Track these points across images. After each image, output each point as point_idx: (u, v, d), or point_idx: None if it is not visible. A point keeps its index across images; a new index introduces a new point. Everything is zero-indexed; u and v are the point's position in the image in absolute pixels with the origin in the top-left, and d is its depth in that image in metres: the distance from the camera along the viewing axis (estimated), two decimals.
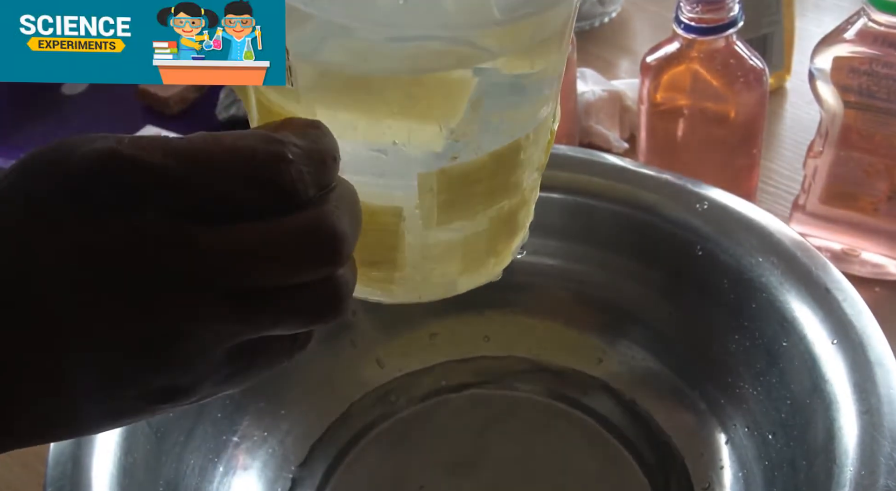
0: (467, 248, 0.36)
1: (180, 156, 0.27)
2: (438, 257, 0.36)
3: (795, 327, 0.49)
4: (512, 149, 0.34)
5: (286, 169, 0.28)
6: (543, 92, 0.35)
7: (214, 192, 0.27)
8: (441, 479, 0.55)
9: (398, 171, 0.33)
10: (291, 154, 0.28)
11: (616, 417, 0.56)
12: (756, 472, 0.50)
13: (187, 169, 0.27)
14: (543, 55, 0.33)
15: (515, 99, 0.34)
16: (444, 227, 0.34)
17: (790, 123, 0.78)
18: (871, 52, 0.58)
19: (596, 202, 0.57)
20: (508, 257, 0.38)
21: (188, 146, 0.27)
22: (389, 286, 0.36)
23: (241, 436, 0.54)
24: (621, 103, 0.76)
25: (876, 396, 0.44)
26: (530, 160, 0.36)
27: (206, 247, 0.27)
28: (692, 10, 0.61)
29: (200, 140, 0.28)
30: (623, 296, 0.58)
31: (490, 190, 0.35)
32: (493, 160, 0.34)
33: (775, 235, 0.52)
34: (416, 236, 0.34)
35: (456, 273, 0.37)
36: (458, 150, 0.33)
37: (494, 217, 0.36)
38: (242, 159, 0.27)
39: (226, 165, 0.27)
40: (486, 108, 0.32)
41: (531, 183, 0.37)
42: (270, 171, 0.28)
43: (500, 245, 0.37)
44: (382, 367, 0.59)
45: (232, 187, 0.27)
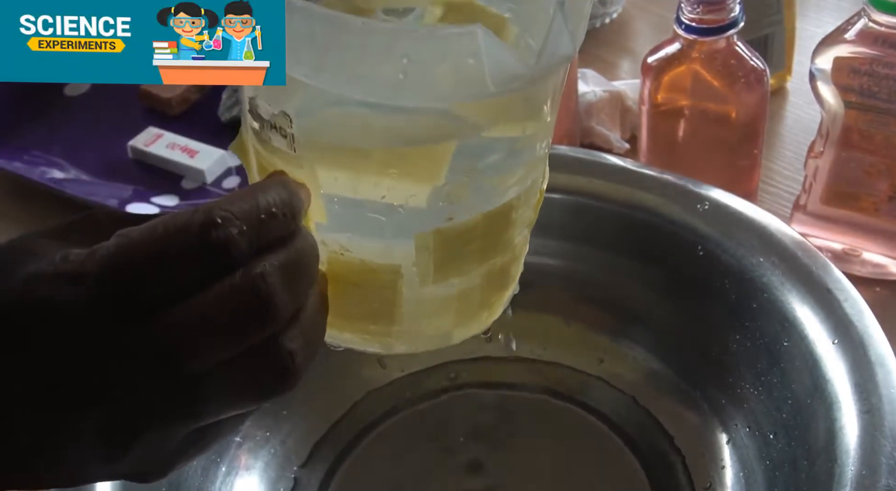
0: (461, 302, 0.37)
1: (115, 262, 0.28)
2: (434, 312, 0.37)
3: (796, 327, 0.49)
4: (504, 209, 0.35)
5: (214, 234, 0.28)
6: (535, 154, 0.36)
7: (154, 280, 0.28)
8: (443, 479, 0.55)
9: (397, 232, 0.34)
10: (220, 218, 0.28)
11: (617, 417, 0.56)
12: (757, 471, 0.50)
13: (124, 272, 0.28)
14: (534, 120, 0.34)
15: (507, 162, 0.35)
16: (440, 283, 0.36)
17: (791, 124, 0.78)
18: (871, 52, 0.58)
19: (597, 203, 0.57)
20: (500, 309, 0.40)
21: (121, 249, 0.28)
22: (387, 340, 0.37)
23: (244, 436, 0.54)
24: (622, 104, 0.76)
25: (877, 395, 0.44)
26: (521, 219, 0.37)
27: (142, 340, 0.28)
28: (693, 11, 0.61)
29: (136, 235, 0.28)
30: (624, 296, 0.58)
31: (483, 248, 0.36)
32: (486, 220, 0.35)
33: (776, 236, 0.52)
34: (413, 293, 0.35)
35: (450, 326, 0.38)
36: (453, 211, 0.34)
37: (487, 273, 0.37)
38: (175, 240, 0.28)
39: (160, 251, 0.28)
40: (480, 172, 0.34)
41: (521, 239, 0.38)
42: (199, 241, 0.28)
43: (492, 298, 0.39)
44: (384, 367, 0.60)
45: (169, 271, 0.28)
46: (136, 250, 0.28)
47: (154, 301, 0.28)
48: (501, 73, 0.30)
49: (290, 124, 0.32)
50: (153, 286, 0.28)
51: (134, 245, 0.28)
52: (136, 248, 0.28)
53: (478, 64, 0.29)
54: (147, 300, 0.28)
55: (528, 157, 0.35)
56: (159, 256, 0.28)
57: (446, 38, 0.30)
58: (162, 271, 0.28)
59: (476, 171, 0.33)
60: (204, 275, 0.28)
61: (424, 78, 0.30)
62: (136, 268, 0.28)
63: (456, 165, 0.33)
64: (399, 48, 0.29)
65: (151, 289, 0.28)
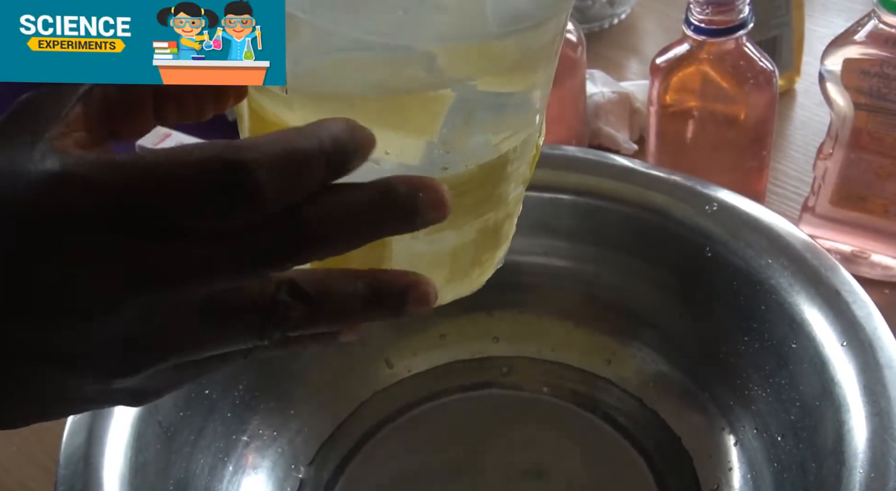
0: (454, 258, 0.37)
1: (132, 173, 0.27)
2: (426, 268, 0.36)
3: (805, 329, 0.49)
4: (500, 162, 0.35)
5: (237, 178, 0.27)
6: (533, 107, 0.35)
7: (169, 207, 0.27)
8: (450, 478, 0.55)
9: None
10: (249, 160, 0.27)
11: (625, 418, 0.56)
12: (765, 474, 0.50)
13: (141, 186, 0.27)
14: (532, 72, 0.34)
15: (504, 114, 0.34)
16: (432, 236, 0.35)
17: (800, 125, 0.78)
18: (881, 53, 0.58)
19: (605, 204, 0.57)
20: (492, 269, 0.39)
21: (140, 162, 0.27)
22: None
23: (251, 435, 0.54)
24: (631, 105, 0.76)
25: (886, 398, 0.44)
26: (517, 173, 0.37)
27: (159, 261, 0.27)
28: (702, 12, 0.61)
29: (154, 155, 0.27)
30: (632, 297, 0.58)
31: (477, 201, 0.35)
32: (481, 172, 0.34)
33: (785, 237, 0.52)
34: (405, 247, 0.35)
35: (442, 282, 0.37)
36: (448, 161, 0.33)
37: (481, 228, 0.36)
38: (196, 171, 0.27)
39: (179, 178, 0.27)
40: (477, 122, 0.33)
41: (516, 196, 0.38)
42: (219, 181, 0.27)
43: (484, 256, 0.38)
44: (391, 367, 0.60)
45: (185, 200, 0.27)
46: (154, 166, 0.27)
47: (164, 225, 0.27)
48: (504, 13, 0.29)
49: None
50: (166, 211, 0.27)
51: (152, 161, 0.27)
52: (155, 165, 0.27)
53: (480, 1, 0.29)
54: (158, 224, 0.27)
55: (526, 109, 0.35)
56: (180, 176, 0.27)
57: None
58: (180, 198, 0.27)
59: (473, 121, 0.33)
60: (218, 213, 0.27)
61: (425, 15, 0.29)
62: (154, 189, 0.27)
63: (453, 114, 0.32)
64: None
65: (165, 213, 0.27)
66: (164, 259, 0.27)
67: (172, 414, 0.50)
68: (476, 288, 0.39)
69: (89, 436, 0.46)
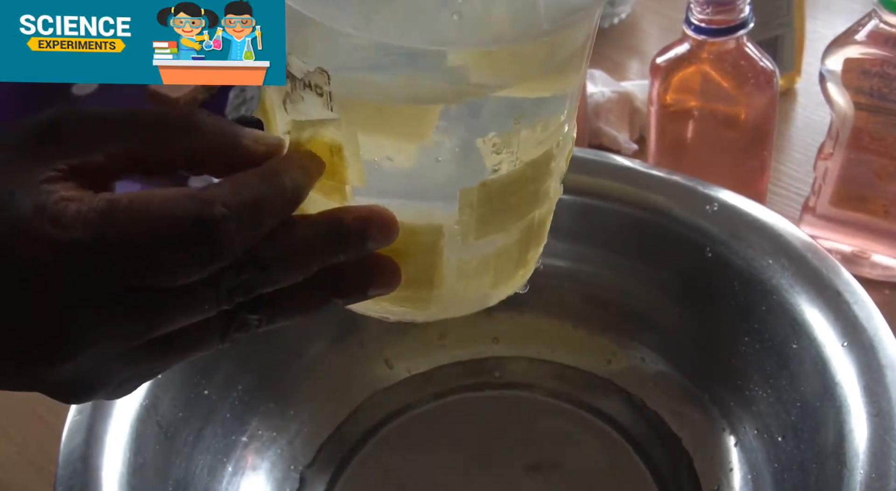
0: (500, 260, 0.37)
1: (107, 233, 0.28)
2: (474, 272, 0.36)
3: (806, 330, 0.49)
4: (545, 158, 0.35)
5: (209, 230, 0.28)
6: (575, 100, 0.35)
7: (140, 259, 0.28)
8: (449, 479, 0.55)
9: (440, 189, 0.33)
10: (218, 213, 0.28)
11: (625, 419, 0.56)
12: (766, 474, 0.50)
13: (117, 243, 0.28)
14: (574, 70, 0.34)
15: (551, 108, 0.34)
16: (481, 240, 0.35)
17: (800, 125, 0.77)
18: (882, 53, 0.58)
19: (605, 204, 0.57)
20: (533, 266, 0.39)
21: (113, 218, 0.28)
22: (426, 305, 0.36)
23: (250, 436, 0.54)
24: (631, 105, 0.76)
25: (886, 398, 0.44)
26: (558, 168, 0.37)
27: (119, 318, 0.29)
28: (702, 12, 0.60)
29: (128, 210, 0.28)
30: (632, 297, 0.58)
31: (523, 200, 0.35)
32: (529, 170, 0.34)
33: (785, 237, 0.52)
34: (455, 252, 0.35)
35: (489, 286, 0.37)
36: (499, 162, 0.33)
37: (525, 227, 0.36)
38: (168, 225, 0.28)
39: (153, 231, 0.28)
40: (527, 119, 0.33)
41: (555, 191, 0.38)
42: (192, 233, 0.28)
43: (528, 255, 0.38)
44: (391, 367, 0.60)
45: (157, 252, 0.28)
46: (128, 224, 0.28)
47: (135, 276, 0.28)
48: (556, 9, 0.29)
49: (328, 81, 0.30)
50: (137, 264, 0.28)
51: (126, 219, 0.28)
52: (129, 222, 0.28)
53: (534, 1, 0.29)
54: (129, 275, 0.28)
55: (569, 102, 0.35)
56: (151, 236, 0.28)
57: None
58: (151, 252, 0.28)
59: (524, 119, 0.33)
60: (188, 268, 0.29)
61: (479, 19, 0.29)
62: (126, 245, 0.28)
63: (503, 113, 0.32)
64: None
65: (136, 266, 0.28)
66: (131, 312, 0.29)
67: (171, 415, 0.50)
68: (520, 288, 0.39)
69: (88, 436, 0.46)
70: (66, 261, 0.28)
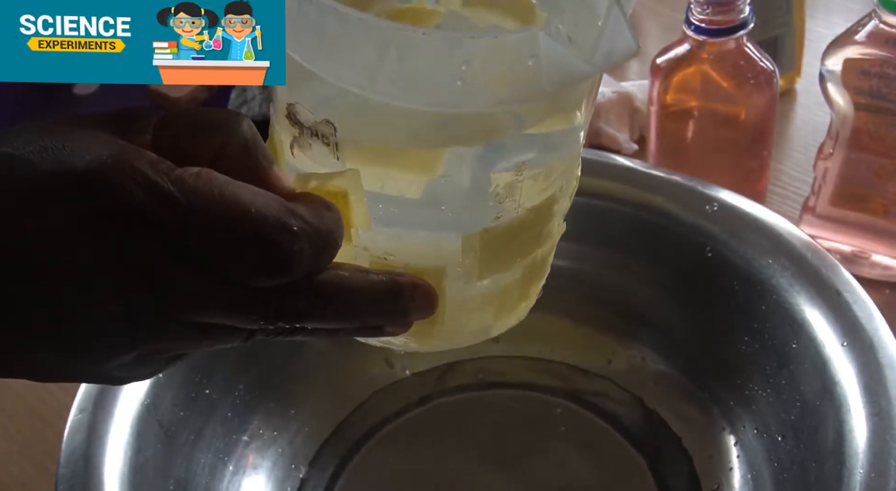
0: (502, 296, 0.37)
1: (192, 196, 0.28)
2: (476, 308, 0.37)
3: (805, 329, 0.49)
4: (548, 202, 0.35)
5: (289, 243, 0.28)
6: (579, 144, 0.36)
7: (213, 243, 0.28)
8: (450, 478, 0.55)
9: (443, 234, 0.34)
10: (298, 229, 0.28)
11: (625, 418, 0.56)
12: (765, 473, 0.50)
13: (202, 218, 0.28)
14: (581, 110, 0.34)
15: (554, 155, 0.35)
16: (484, 281, 0.36)
17: (800, 125, 0.77)
18: (882, 54, 0.58)
19: (605, 204, 0.57)
20: (535, 298, 0.40)
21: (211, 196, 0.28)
22: (429, 338, 0.37)
23: (251, 435, 0.54)
24: (631, 105, 0.76)
25: (886, 398, 0.44)
26: (561, 209, 0.37)
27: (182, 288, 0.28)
28: (703, 12, 0.60)
29: (217, 185, 0.28)
30: (633, 297, 0.58)
31: (526, 242, 0.36)
32: (531, 215, 0.35)
33: (785, 237, 0.52)
34: (457, 292, 0.35)
35: (491, 319, 0.38)
36: (500, 210, 0.33)
37: (528, 265, 0.37)
38: (251, 221, 0.28)
39: (234, 222, 0.28)
40: (529, 168, 0.33)
41: (558, 228, 0.38)
42: (274, 241, 0.28)
43: (531, 289, 0.39)
44: (391, 367, 0.60)
45: (230, 246, 0.28)
46: (220, 198, 0.28)
47: (203, 251, 0.28)
48: (559, 74, 0.30)
49: (335, 132, 0.31)
50: (212, 241, 0.28)
51: (219, 194, 0.28)
52: (220, 197, 0.28)
53: (536, 66, 0.29)
54: (198, 247, 0.28)
55: (573, 147, 0.35)
56: (236, 219, 0.28)
57: (506, 42, 0.29)
58: (231, 233, 0.28)
59: (525, 167, 0.33)
60: (255, 268, 0.28)
61: (482, 83, 0.30)
62: (211, 216, 0.28)
63: (505, 162, 0.32)
64: (458, 55, 0.29)
65: (208, 242, 0.28)
66: (189, 285, 0.28)
67: (172, 413, 0.50)
68: (522, 318, 0.40)
69: (89, 435, 0.46)
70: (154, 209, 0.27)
